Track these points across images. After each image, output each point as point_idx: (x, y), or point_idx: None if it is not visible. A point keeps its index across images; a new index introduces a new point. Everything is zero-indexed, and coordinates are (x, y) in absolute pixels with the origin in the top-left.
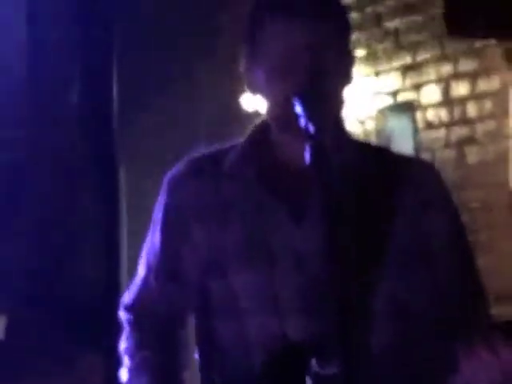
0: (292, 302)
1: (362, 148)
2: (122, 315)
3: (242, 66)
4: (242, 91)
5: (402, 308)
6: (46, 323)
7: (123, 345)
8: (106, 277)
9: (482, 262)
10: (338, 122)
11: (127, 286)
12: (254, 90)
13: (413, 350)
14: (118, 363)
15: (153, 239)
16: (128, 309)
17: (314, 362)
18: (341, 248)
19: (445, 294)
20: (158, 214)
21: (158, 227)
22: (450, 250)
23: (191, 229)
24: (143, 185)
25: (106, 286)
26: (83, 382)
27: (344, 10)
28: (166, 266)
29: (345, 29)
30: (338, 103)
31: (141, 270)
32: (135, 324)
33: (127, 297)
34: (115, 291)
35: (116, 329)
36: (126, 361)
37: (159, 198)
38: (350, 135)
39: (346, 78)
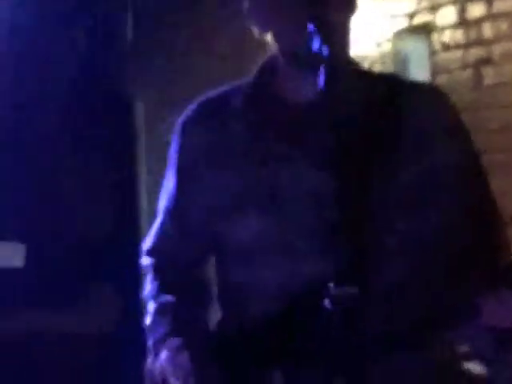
0: (306, 240)
1: (370, 76)
2: (145, 260)
3: (246, 9)
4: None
5: (416, 242)
6: (64, 256)
7: (147, 289)
8: (124, 215)
9: (499, 183)
10: (346, 51)
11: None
12: (262, 28)
13: (428, 286)
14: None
15: (168, 184)
16: (149, 253)
17: (331, 285)
18: (352, 185)
19: (459, 228)
20: (171, 159)
21: (172, 172)
22: (464, 182)
23: (203, 172)
24: (161, 125)
25: (124, 222)
26: (98, 314)
27: None
28: (181, 212)
29: None
30: (346, 31)
31: (159, 215)
32: (157, 268)
33: (148, 242)
34: (133, 228)
35: (135, 268)
36: (149, 305)
37: (172, 142)
38: (357, 63)
39: (352, 4)
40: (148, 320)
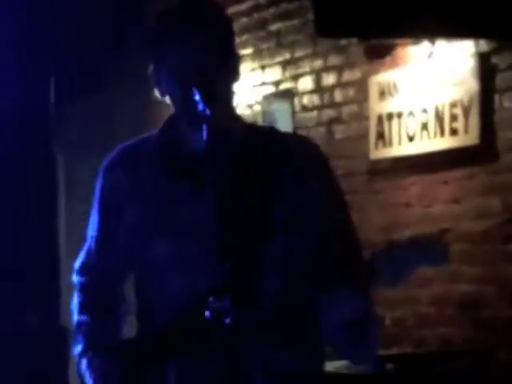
0: (197, 262)
1: (252, 128)
2: (74, 278)
3: (151, 75)
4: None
5: (288, 261)
6: None
7: (74, 301)
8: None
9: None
10: (229, 109)
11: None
12: (163, 92)
13: (295, 297)
14: None
15: (93, 217)
16: (78, 272)
17: (211, 299)
18: (234, 214)
19: (325, 247)
20: (96, 197)
21: (97, 207)
22: (328, 211)
23: (122, 206)
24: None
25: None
26: None
27: (227, 28)
28: (104, 239)
29: (228, 40)
30: (228, 95)
31: (87, 243)
32: (82, 286)
33: (77, 263)
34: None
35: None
36: (74, 316)
37: (97, 183)
38: (242, 119)
39: (233, 74)
40: (73, 329)
